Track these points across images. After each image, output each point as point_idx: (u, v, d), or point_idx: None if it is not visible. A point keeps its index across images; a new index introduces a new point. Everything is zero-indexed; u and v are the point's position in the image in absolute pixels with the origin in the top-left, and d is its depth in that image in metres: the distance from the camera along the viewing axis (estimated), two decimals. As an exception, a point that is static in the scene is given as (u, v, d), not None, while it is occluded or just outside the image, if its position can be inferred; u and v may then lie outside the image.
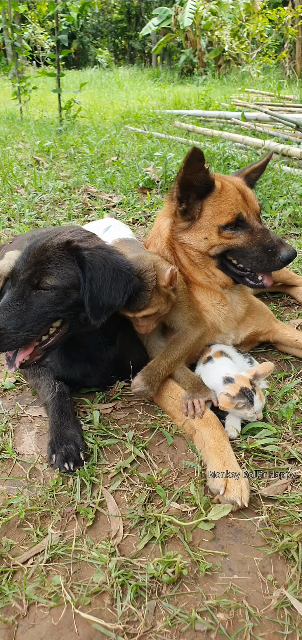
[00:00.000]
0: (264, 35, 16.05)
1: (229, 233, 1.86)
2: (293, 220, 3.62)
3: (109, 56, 28.34)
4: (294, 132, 6.16)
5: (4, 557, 1.29)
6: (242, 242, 1.87)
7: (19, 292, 1.62)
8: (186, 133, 7.19)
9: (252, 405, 1.62)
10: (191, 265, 1.95)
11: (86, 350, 1.83)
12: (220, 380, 1.71)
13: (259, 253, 1.85)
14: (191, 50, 19.52)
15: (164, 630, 1.12)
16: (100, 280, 1.62)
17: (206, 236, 1.87)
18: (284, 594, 1.18)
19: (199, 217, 1.88)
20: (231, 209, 1.86)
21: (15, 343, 1.60)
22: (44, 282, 1.60)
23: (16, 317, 1.59)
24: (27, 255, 1.64)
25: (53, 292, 1.61)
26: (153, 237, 2.09)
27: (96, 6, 24.91)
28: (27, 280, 1.62)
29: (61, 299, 1.62)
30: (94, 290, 1.61)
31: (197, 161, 1.77)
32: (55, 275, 1.60)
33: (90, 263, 1.62)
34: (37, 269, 1.61)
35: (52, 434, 1.63)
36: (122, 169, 5.20)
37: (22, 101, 9.24)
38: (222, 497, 1.41)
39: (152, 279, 1.71)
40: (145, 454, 1.64)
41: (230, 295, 2.00)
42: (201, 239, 1.89)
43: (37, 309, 1.61)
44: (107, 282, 1.62)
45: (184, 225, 1.92)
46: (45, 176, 5.09)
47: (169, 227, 1.98)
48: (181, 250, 1.95)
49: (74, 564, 1.27)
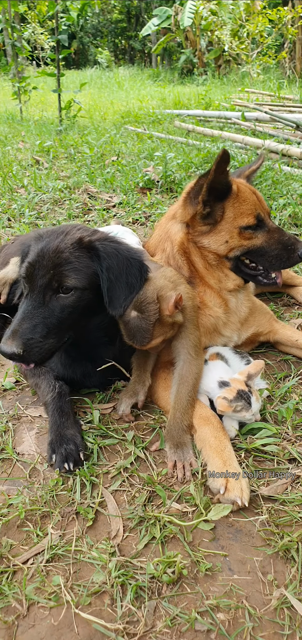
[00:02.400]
0: (264, 35, 16.05)
1: (250, 233, 1.88)
2: (293, 220, 3.61)
3: (109, 56, 28.33)
4: (294, 132, 6.16)
5: (4, 557, 1.29)
6: (261, 242, 1.89)
7: (40, 298, 1.59)
8: (186, 133, 7.19)
9: (250, 407, 1.61)
10: (205, 268, 1.92)
11: (86, 349, 1.83)
12: (215, 384, 1.70)
13: (278, 251, 1.89)
14: (191, 50, 19.51)
15: (164, 630, 1.12)
16: (116, 269, 1.62)
17: (227, 239, 1.86)
18: (284, 594, 1.18)
19: (221, 219, 1.87)
20: (251, 210, 1.87)
21: (43, 352, 1.58)
22: (64, 285, 1.58)
23: (42, 325, 1.56)
24: (43, 259, 1.60)
25: (74, 293, 1.59)
26: (160, 241, 2.04)
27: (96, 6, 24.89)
28: (47, 285, 1.58)
29: (81, 300, 1.62)
30: (112, 279, 1.61)
31: (225, 163, 1.77)
32: (75, 277, 1.59)
33: (104, 254, 1.62)
34: (56, 272, 1.58)
35: (52, 434, 1.63)
36: (122, 169, 5.20)
37: (22, 101, 9.24)
38: (223, 497, 1.41)
39: (155, 312, 1.61)
40: (145, 454, 1.64)
41: (236, 296, 1.99)
42: (222, 242, 1.87)
43: (59, 313, 1.59)
44: (123, 270, 1.63)
45: (205, 229, 1.88)
46: (45, 176, 5.09)
47: (182, 231, 1.94)
48: (197, 254, 1.92)
49: (74, 564, 1.27)
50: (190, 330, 1.78)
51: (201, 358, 1.80)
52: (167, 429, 1.66)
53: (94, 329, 1.76)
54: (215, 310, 1.93)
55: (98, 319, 1.75)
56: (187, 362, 1.75)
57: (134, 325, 1.63)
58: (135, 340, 1.64)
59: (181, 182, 4.53)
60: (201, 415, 1.66)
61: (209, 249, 1.89)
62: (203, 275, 1.93)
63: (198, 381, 1.75)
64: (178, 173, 4.71)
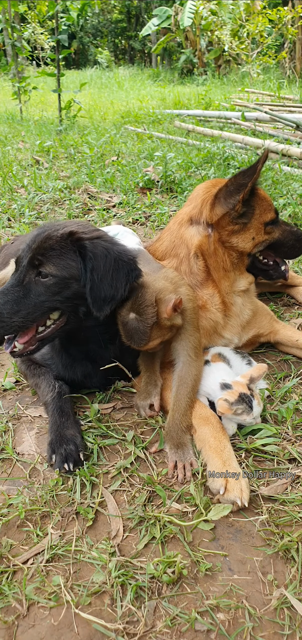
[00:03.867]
0: (264, 35, 16.05)
1: (271, 228, 2.00)
2: (293, 220, 3.61)
3: (109, 56, 28.33)
4: (294, 132, 6.16)
5: (4, 557, 1.29)
6: (278, 235, 2.05)
7: (20, 278, 1.63)
8: (185, 133, 7.19)
9: (252, 410, 1.61)
10: (224, 269, 1.93)
11: (87, 348, 1.83)
12: (217, 386, 1.70)
13: (293, 242, 2.10)
14: (191, 50, 19.51)
15: (164, 630, 1.12)
16: (101, 270, 1.61)
17: (254, 235, 1.94)
18: (284, 594, 1.18)
19: (251, 217, 1.92)
20: (271, 206, 2.00)
21: (8, 328, 1.60)
22: (43, 270, 1.61)
23: (12, 303, 1.59)
24: (32, 243, 1.65)
25: (51, 280, 1.61)
26: (174, 247, 2.00)
27: (96, 6, 24.90)
28: (28, 267, 1.62)
29: (60, 288, 1.62)
30: (96, 280, 1.60)
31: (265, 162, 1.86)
32: (54, 264, 1.61)
33: (91, 253, 1.61)
34: (38, 256, 1.61)
35: (52, 434, 1.63)
36: (122, 169, 5.20)
37: (22, 101, 9.24)
38: (222, 497, 1.41)
39: (152, 315, 1.62)
40: (145, 454, 1.64)
41: (243, 297, 2.00)
42: (249, 239, 1.93)
43: (34, 296, 1.61)
44: (108, 272, 1.61)
45: (237, 228, 1.90)
46: (45, 176, 5.09)
47: (199, 234, 1.93)
48: (221, 255, 1.91)
49: (74, 564, 1.27)
50: (190, 332, 1.78)
51: (200, 360, 1.80)
52: (167, 430, 1.66)
53: (93, 327, 1.76)
54: (214, 313, 1.93)
55: (96, 317, 1.75)
56: (186, 363, 1.75)
57: (132, 326, 1.64)
58: (133, 341, 1.65)
59: (181, 182, 4.53)
60: (201, 415, 1.66)
61: (237, 248, 1.93)
62: (219, 278, 1.93)
63: (197, 383, 1.75)
64: (178, 173, 4.71)
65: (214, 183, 2.02)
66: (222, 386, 1.67)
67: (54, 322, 1.69)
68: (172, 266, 1.96)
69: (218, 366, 1.82)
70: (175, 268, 1.95)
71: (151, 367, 1.83)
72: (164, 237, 2.11)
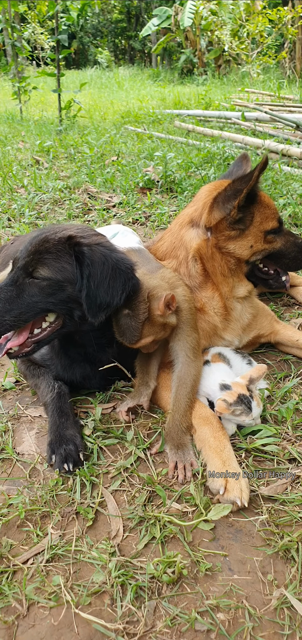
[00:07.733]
0: (264, 35, 16.05)
1: (272, 237, 1.92)
2: (293, 220, 3.61)
3: (109, 56, 28.33)
4: (294, 132, 6.16)
5: (4, 557, 1.29)
6: (279, 245, 1.95)
7: (14, 277, 1.63)
8: (186, 133, 7.19)
9: (251, 411, 1.61)
10: (222, 275, 1.90)
11: (85, 350, 1.83)
12: (217, 386, 1.69)
13: (295, 253, 1.99)
14: (191, 50, 19.51)
15: (164, 630, 1.12)
16: (98, 277, 1.60)
17: (252, 243, 1.88)
18: (284, 594, 1.18)
19: (250, 224, 1.87)
20: (274, 214, 1.92)
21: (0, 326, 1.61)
22: (37, 271, 1.61)
23: (4, 301, 1.60)
24: (30, 245, 1.65)
25: (45, 282, 1.61)
26: (174, 249, 2.00)
27: (96, 6, 24.90)
28: (23, 267, 1.63)
29: (53, 290, 1.62)
30: (92, 287, 1.60)
31: (264, 170, 1.81)
32: (49, 266, 1.61)
33: (89, 259, 1.61)
34: (34, 258, 1.62)
35: (52, 435, 1.63)
36: (122, 169, 5.20)
37: (22, 101, 9.25)
38: (222, 497, 1.41)
39: (144, 310, 1.62)
40: (146, 454, 1.64)
41: (242, 303, 1.98)
42: (247, 246, 1.87)
43: (27, 297, 1.61)
44: (105, 279, 1.61)
45: (234, 233, 1.86)
46: (45, 176, 5.09)
47: (198, 237, 1.91)
48: (218, 260, 1.89)
49: (74, 564, 1.27)
50: (187, 333, 1.78)
51: (199, 360, 1.79)
52: (167, 430, 1.66)
53: (89, 332, 1.76)
54: (212, 316, 1.92)
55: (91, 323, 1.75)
56: (185, 364, 1.75)
57: (124, 322, 1.65)
58: (125, 337, 1.66)
59: (181, 182, 4.53)
60: (201, 415, 1.66)
61: (234, 254, 1.88)
62: (218, 282, 1.91)
63: (197, 383, 1.75)
64: (178, 173, 4.71)
65: (218, 185, 1.97)
66: (222, 387, 1.67)
67: (49, 324, 1.69)
68: (172, 267, 1.95)
69: (218, 366, 1.81)
70: (174, 269, 1.94)
71: (146, 368, 1.83)
72: (165, 237, 2.11)
